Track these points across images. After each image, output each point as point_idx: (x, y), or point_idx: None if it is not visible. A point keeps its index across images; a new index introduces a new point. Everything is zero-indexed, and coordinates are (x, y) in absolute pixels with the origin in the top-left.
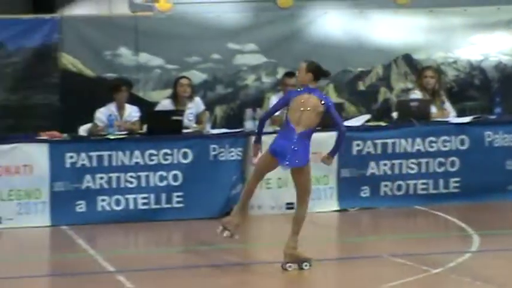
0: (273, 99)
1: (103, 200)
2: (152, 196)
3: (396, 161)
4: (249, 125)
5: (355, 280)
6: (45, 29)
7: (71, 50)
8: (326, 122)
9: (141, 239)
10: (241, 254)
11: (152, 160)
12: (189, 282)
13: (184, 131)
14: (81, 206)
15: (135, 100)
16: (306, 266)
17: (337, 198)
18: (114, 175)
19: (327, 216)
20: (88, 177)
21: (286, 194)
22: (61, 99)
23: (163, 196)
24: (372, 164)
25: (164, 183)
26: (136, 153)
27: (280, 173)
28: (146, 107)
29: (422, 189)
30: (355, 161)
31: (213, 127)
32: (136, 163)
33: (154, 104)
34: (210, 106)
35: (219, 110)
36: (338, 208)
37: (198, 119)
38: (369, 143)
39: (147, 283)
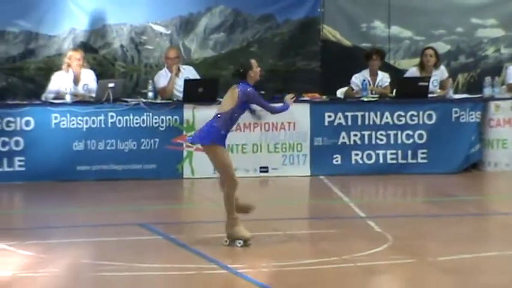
0: (510, 69)
1: (356, 155)
2: (399, 152)
3: None
4: (488, 91)
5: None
6: (309, 4)
7: (331, 22)
8: None
9: (388, 190)
10: (479, 205)
11: (400, 120)
12: (431, 229)
13: (430, 95)
14: (337, 159)
15: (386, 67)
16: (239, 243)
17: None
18: (366, 133)
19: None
20: (343, 134)
21: None
22: (321, 65)
23: (409, 152)
24: None
25: (410, 141)
26: (386, 114)
27: None
28: (396, 74)
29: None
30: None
31: (455, 92)
32: (386, 123)
33: (403, 71)
34: (453, 74)
35: (461, 78)
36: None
37: (442, 85)
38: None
39: (393, 228)
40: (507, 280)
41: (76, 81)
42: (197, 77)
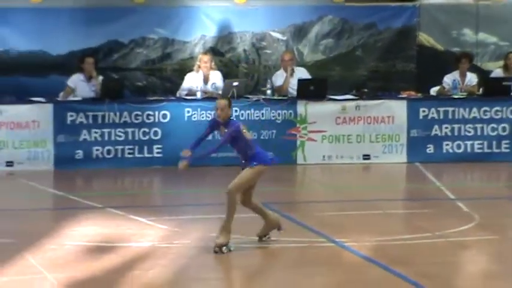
0: None
1: (447, 145)
2: (485, 143)
3: None
4: None
5: None
6: (407, 14)
7: (426, 30)
8: None
9: (475, 175)
10: None
11: (486, 115)
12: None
13: None
14: (430, 149)
15: (474, 69)
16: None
17: None
18: (456, 126)
19: None
20: (436, 126)
21: None
22: (417, 67)
23: (494, 143)
24: None
25: (495, 133)
26: (474, 109)
27: None
28: (483, 75)
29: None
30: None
31: None
32: (474, 117)
33: (489, 72)
34: None
35: None
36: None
37: None
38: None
39: (479, 209)
40: None
41: (205, 80)
42: (309, 77)
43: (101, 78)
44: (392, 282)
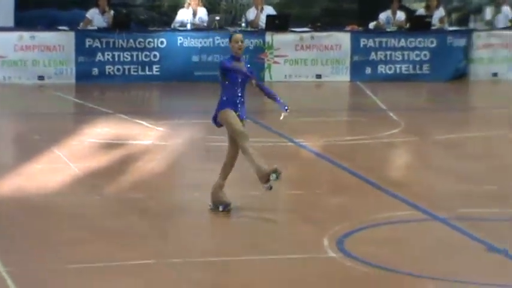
0: (487, 10)
1: (381, 67)
2: (411, 66)
3: None
4: (472, 25)
5: None
6: None
7: None
8: None
9: (402, 92)
10: (463, 102)
11: (411, 44)
12: (433, 118)
13: (432, 27)
14: (368, 70)
15: (403, 8)
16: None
17: None
18: (388, 52)
19: None
20: (373, 53)
21: None
22: (359, 6)
23: (417, 66)
24: None
25: (418, 58)
26: (402, 40)
27: None
28: (409, 13)
29: None
30: None
31: (450, 25)
32: (402, 46)
33: (414, 11)
34: (448, 12)
35: (453, 15)
36: None
37: (441, 21)
38: None
39: (405, 117)
40: (482, 152)
41: (194, 14)
42: (275, 13)
43: (112, 12)
44: (338, 173)
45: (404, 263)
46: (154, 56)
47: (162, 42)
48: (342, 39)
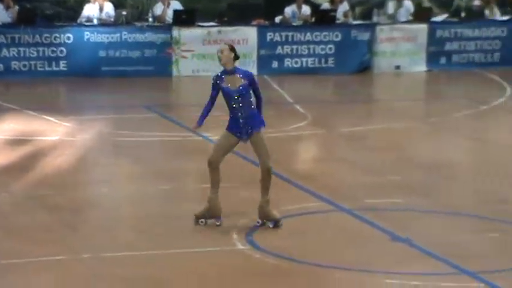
0: (389, 4)
1: (287, 61)
2: (316, 59)
3: None
4: (375, 19)
5: None
6: None
7: None
8: None
9: (308, 84)
10: (367, 94)
11: (317, 38)
12: (338, 111)
13: (337, 21)
14: (275, 64)
15: (308, 2)
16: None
17: None
18: (294, 46)
19: None
20: (279, 47)
21: None
22: (265, 0)
23: (323, 59)
24: None
25: (324, 52)
26: (308, 34)
27: None
28: (314, 7)
29: None
30: None
31: (354, 19)
32: (308, 40)
33: (319, 5)
34: (352, 7)
35: (357, 9)
36: None
37: (345, 15)
38: None
39: (312, 110)
40: (385, 144)
41: (101, 9)
42: (181, 8)
43: (17, 7)
44: (246, 166)
45: (312, 254)
46: (61, 51)
47: (68, 38)
48: (249, 33)
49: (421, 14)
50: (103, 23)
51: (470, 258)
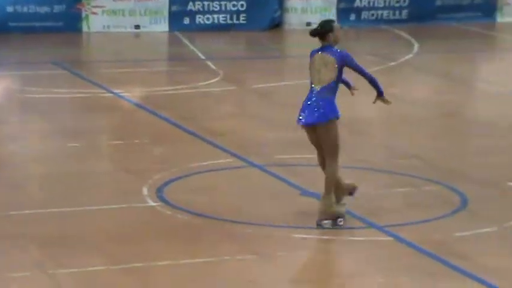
0: None
1: (199, 18)
2: (228, 16)
3: None
4: None
5: None
6: None
7: None
8: None
9: (221, 41)
10: (281, 49)
11: None
12: (251, 65)
13: None
14: (186, 20)
15: None
16: (340, 222)
17: None
18: (206, 2)
19: None
20: (191, 3)
21: None
22: None
23: (235, 16)
24: None
25: (235, 8)
26: None
27: None
28: None
29: None
30: None
31: None
32: None
33: None
34: None
35: None
36: None
37: None
38: None
39: (224, 66)
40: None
41: None
42: None
43: None
44: (157, 123)
45: (223, 210)
46: None
47: None
48: None
49: None
50: None
51: (380, 212)
